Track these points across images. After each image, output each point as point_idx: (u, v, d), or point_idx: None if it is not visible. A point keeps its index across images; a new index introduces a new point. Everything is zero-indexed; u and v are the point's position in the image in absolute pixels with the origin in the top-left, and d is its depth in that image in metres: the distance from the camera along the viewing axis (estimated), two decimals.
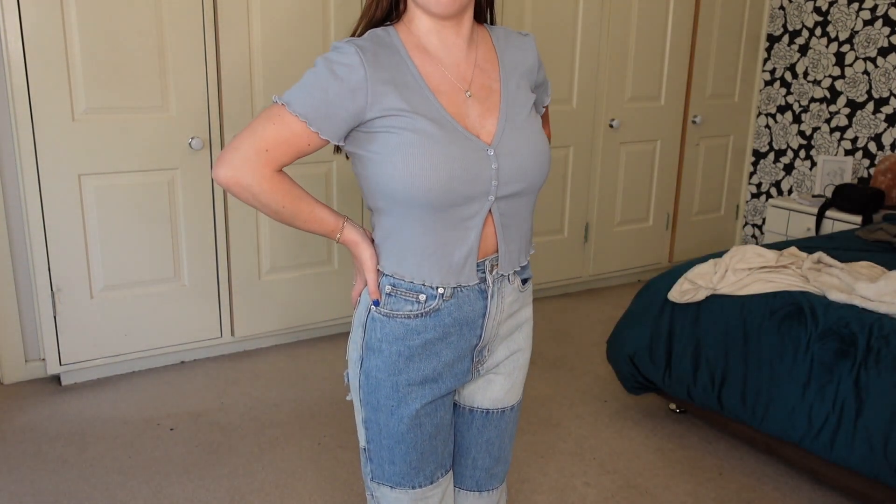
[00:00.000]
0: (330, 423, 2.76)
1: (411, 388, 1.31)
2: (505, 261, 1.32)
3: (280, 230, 3.24)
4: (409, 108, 1.20)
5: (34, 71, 2.66)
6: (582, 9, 3.76)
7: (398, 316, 1.29)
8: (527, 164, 1.27)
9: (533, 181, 1.29)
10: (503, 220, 1.29)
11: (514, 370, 1.43)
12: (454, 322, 1.30)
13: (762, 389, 2.35)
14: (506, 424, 1.46)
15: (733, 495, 2.39)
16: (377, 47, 1.23)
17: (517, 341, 1.43)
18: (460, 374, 1.35)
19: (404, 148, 1.19)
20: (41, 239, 2.78)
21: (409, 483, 1.38)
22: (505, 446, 1.48)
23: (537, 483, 2.43)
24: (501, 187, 1.25)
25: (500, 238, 1.29)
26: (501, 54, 1.33)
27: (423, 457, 1.37)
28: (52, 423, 2.71)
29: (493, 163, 1.23)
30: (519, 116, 1.29)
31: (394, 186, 1.20)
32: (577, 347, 3.47)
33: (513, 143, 1.26)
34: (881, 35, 3.94)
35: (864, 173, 4.10)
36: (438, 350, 1.31)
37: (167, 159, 2.95)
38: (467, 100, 1.26)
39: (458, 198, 1.21)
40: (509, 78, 1.32)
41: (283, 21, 3.05)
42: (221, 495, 2.33)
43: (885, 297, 2.29)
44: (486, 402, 1.42)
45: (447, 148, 1.20)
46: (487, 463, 1.47)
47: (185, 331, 3.13)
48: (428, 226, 1.24)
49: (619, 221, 4.22)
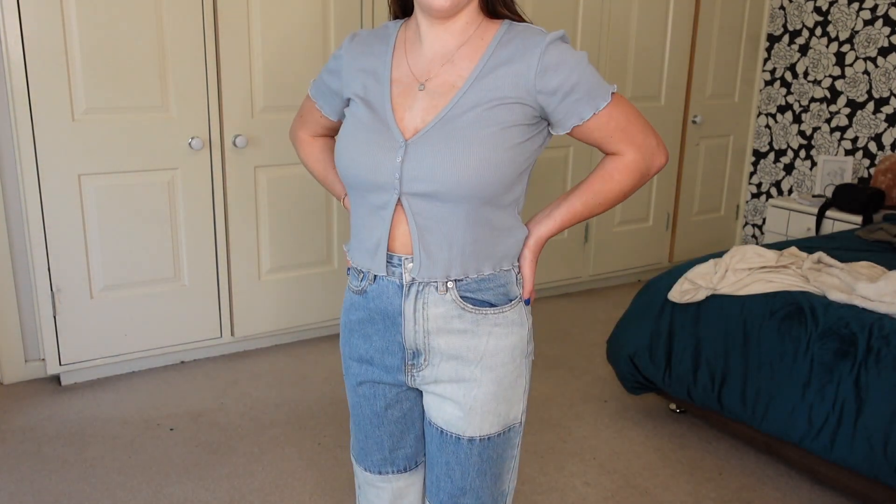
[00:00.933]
0: (330, 423, 2.76)
1: (351, 361, 1.39)
2: (421, 265, 1.24)
3: (280, 230, 3.25)
4: (362, 94, 1.30)
5: (34, 71, 2.66)
6: (582, 9, 3.76)
7: (351, 289, 1.37)
8: (440, 165, 1.19)
9: (449, 187, 1.19)
10: (419, 219, 1.23)
11: (465, 401, 1.30)
12: (377, 309, 1.32)
13: (762, 389, 2.35)
14: (465, 456, 1.33)
15: (733, 495, 2.39)
16: (372, 37, 1.35)
17: (471, 370, 1.29)
18: (391, 370, 1.34)
19: (343, 129, 1.32)
20: (41, 239, 2.78)
21: (362, 462, 1.46)
22: (470, 479, 1.35)
23: (537, 483, 2.43)
24: (407, 183, 1.21)
25: (416, 239, 1.24)
26: (491, 52, 1.24)
27: (367, 440, 1.43)
28: (52, 423, 2.71)
29: (398, 156, 1.21)
30: (465, 117, 1.20)
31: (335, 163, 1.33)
32: (577, 347, 3.47)
33: (434, 142, 1.20)
34: (881, 35, 3.94)
35: (865, 173, 4.10)
36: (370, 333, 1.34)
37: (167, 159, 2.95)
38: (418, 93, 1.25)
39: (365, 184, 1.26)
40: (484, 77, 1.22)
41: (283, 21, 3.05)
42: (221, 495, 2.33)
43: (885, 297, 2.29)
44: (440, 421, 1.34)
45: (363, 133, 1.26)
46: (450, 488, 1.36)
47: (185, 331, 3.13)
48: (357, 207, 1.32)
49: (619, 221, 4.22)
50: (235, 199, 3.12)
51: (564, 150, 3.90)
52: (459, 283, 1.26)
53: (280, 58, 3.08)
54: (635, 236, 4.30)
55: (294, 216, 3.27)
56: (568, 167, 3.96)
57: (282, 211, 3.23)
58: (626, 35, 3.94)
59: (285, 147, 3.18)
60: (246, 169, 3.11)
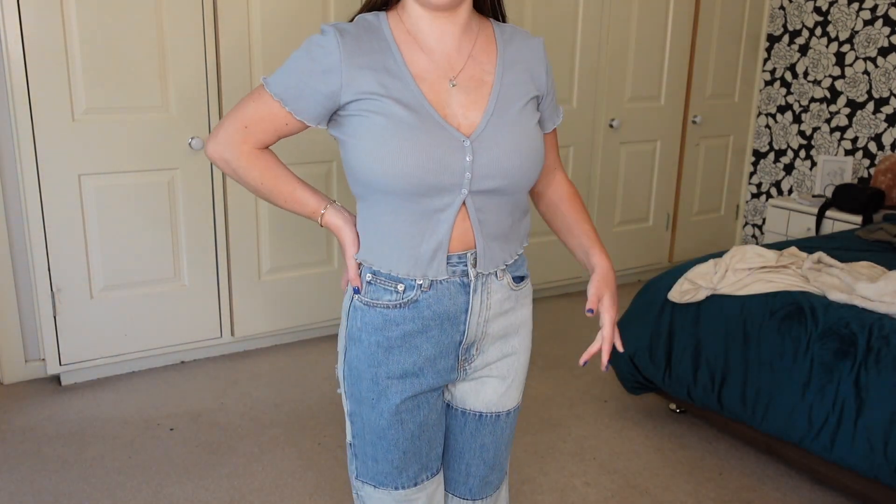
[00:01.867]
0: (330, 423, 2.76)
1: (391, 381, 1.28)
2: (485, 258, 1.26)
3: (280, 230, 3.24)
4: (383, 92, 1.18)
5: (34, 71, 2.66)
6: (582, 9, 3.76)
7: (377, 305, 1.26)
8: (508, 160, 1.21)
9: (516, 179, 1.23)
10: (480, 215, 1.23)
11: (508, 374, 1.37)
12: (434, 315, 1.26)
13: (762, 389, 2.35)
14: (501, 430, 1.40)
15: (733, 495, 2.39)
16: (361, 31, 1.22)
17: (512, 344, 1.37)
18: (444, 372, 1.31)
19: (374, 132, 1.18)
20: (41, 239, 2.78)
21: (392, 483, 1.34)
22: (500, 453, 1.43)
23: (537, 483, 2.43)
24: (476, 181, 1.20)
25: (478, 234, 1.24)
26: (502, 48, 1.28)
27: (405, 456, 1.32)
28: (52, 423, 2.71)
29: (468, 155, 1.19)
30: (510, 111, 1.24)
31: (364, 171, 1.19)
32: (577, 347, 3.47)
33: (495, 138, 1.21)
34: (881, 35, 3.94)
35: (864, 173, 4.10)
36: (418, 343, 1.27)
37: (167, 159, 2.95)
38: (451, 89, 1.22)
39: (426, 188, 1.18)
40: (506, 72, 1.27)
41: (282, 21, 3.06)
42: (221, 495, 2.33)
43: (885, 297, 2.29)
44: (479, 405, 1.37)
45: (417, 135, 1.17)
46: (482, 470, 1.42)
47: (185, 331, 3.13)
48: (398, 214, 1.21)
49: (619, 221, 4.22)
50: (235, 199, 3.12)
51: (564, 150, 3.90)
52: (509, 266, 1.32)
53: (280, 58, 3.08)
54: (635, 236, 4.30)
55: (294, 216, 3.27)
56: (568, 166, 3.95)
57: (282, 211, 3.23)
58: (626, 35, 3.94)
59: (285, 147, 3.18)
60: None
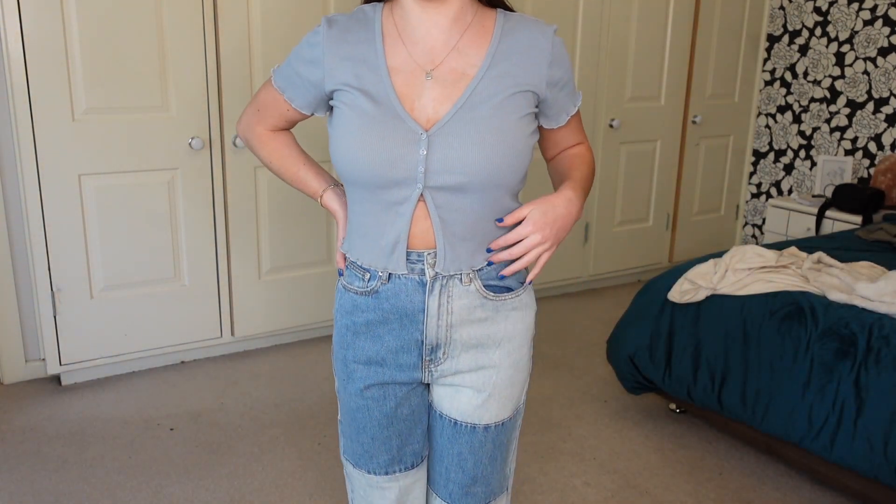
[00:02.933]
0: (330, 422, 2.76)
1: (357, 365, 1.32)
2: (445, 259, 1.23)
3: (280, 230, 3.24)
4: (356, 84, 1.21)
5: (34, 71, 2.66)
6: (582, 9, 3.76)
7: (350, 290, 1.31)
8: (470, 155, 1.17)
9: (481, 177, 1.18)
10: (441, 213, 1.21)
11: (484, 387, 1.32)
12: (392, 309, 1.26)
13: (762, 389, 2.35)
14: (479, 444, 1.35)
15: (733, 495, 2.39)
16: (351, 23, 1.26)
17: (490, 357, 1.31)
18: (407, 368, 1.30)
19: (341, 123, 1.22)
20: (41, 239, 2.78)
21: (365, 466, 1.39)
22: (482, 466, 1.37)
23: (537, 483, 2.43)
24: (432, 176, 1.18)
25: (438, 233, 1.22)
26: (498, 40, 1.24)
27: (373, 443, 1.36)
28: (52, 423, 2.71)
29: (422, 149, 1.17)
30: (486, 105, 1.19)
31: (335, 161, 1.24)
32: (577, 347, 3.47)
33: (459, 132, 1.18)
34: (881, 35, 3.94)
35: (864, 173, 4.10)
36: (381, 334, 1.29)
37: (167, 159, 2.95)
38: (426, 82, 1.21)
39: (382, 180, 1.19)
40: (495, 64, 1.22)
41: (282, 21, 3.06)
42: (221, 495, 2.33)
43: (885, 297, 2.29)
44: (454, 412, 1.34)
45: (374, 127, 1.18)
46: (461, 479, 1.38)
47: (185, 331, 3.13)
48: (363, 205, 1.25)
49: (619, 221, 4.22)
50: (235, 199, 3.12)
51: None
52: (480, 272, 1.27)
53: (280, 57, 3.08)
54: (635, 236, 4.30)
55: (294, 216, 3.27)
56: None
57: (282, 211, 3.23)
58: (626, 35, 3.94)
59: None
60: (246, 169, 3.11)
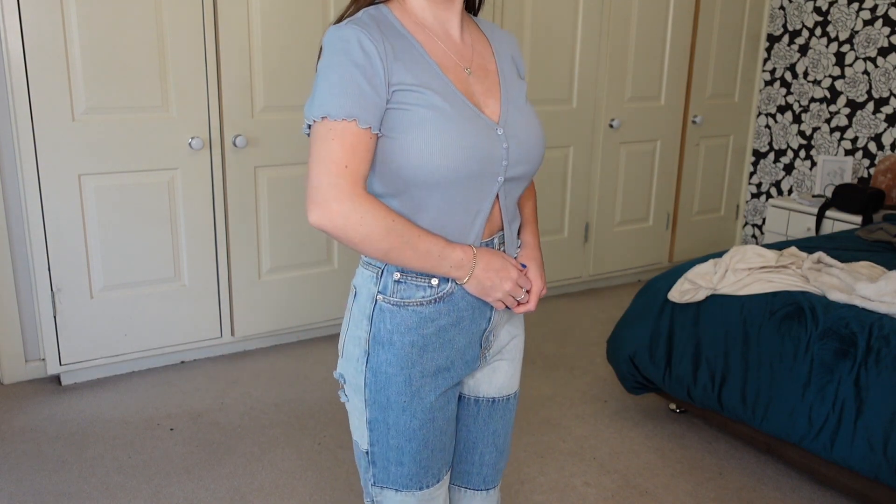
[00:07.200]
0: (330, 423, 2.76)
1: (425, 379, 1.25)
2: (509, 241, 1.31)
3: (280, 230, 3.24)
4: (418, 82, 1.15)
5: (34, 71, 2.65)
6: (582, 9, 3.76)
7: (410, 304, 1.22)
8: (531, 146, 1.27)
9: (536, 164, 1.29)
10: (506, 201, 1.27)
11: (516, 356, 1.42)
12: (468, 305, 1.26)
13: (762, 389, 2.35)
14: (509, 413, 1.44)
15: (733, 495, 2.39)
16: (377, 23, 1.19)
17: (515, 324, 1.41)
18: (470, 361, 1.31)
19: (420, 125, 1.14)
20: (41, 239, 2.78)
21: (417, 484, 1.31)
22: (509, 437, 1.46)
23: (537, 483, 2.43)
24: (510, 168, 1.24)
25: (504, 219, 1.29)
26: (490, 38, 1.34)
27: (433, 454, 1.30)
28: (52, 423, 2.71)
29: (504, 142, 1.22)
30: (518, 99, 1.29)
31: (407, 165, 1.14)
32: (577, 347, 3.47)
33: (518, 125, 1.25)
34: (881, 35, 3.94)
35: (864, 173, 4.10)
36: (452, 336, 1.26)
37: (167, 159, 2.95)
38: (468, 77, 1.24)
39: (471, 177, 1.18)
40: (501, 61, 1.32)
41: (283, 21, 3.05)
42: (221, 495, 2.33)
43: (885, 297, 2.29)
44: (493, 390, 1.39)
45: (460, 125, 1.16)
46: (493, 457, 1.44)
47: (185, 331, 3.13)
48: (440, 207, 1.19)
49: (619, 221, 4.22)
50: (235, 199, 3.12)
51: (564, 149, 3.90)
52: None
53: (280, 57, 3.08)
54: (635, 236, 4.30)
55: (294, 216, 3.27)
56: (568, 166, 3.95)
57: (282, 211, 3.23)
58: (626, 35, 3.94)
59: (285, 147, 3.18)
60: (246, 169, 3.11)
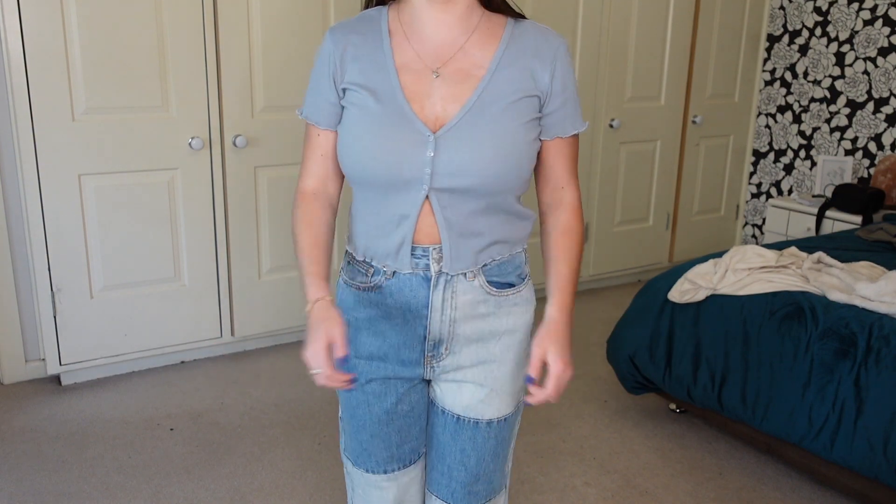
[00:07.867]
0: (330, 422, 2.76)
1: (359, 360, 1.31)
2: (451, 258, 1.23)
3: (280, 230, 3.24)
4: (363, 83, 1.21)
5: (34, 71, 2.65)
6: (582, 9, 3.76)
7: (352, 285, 1.31)
8: (470, 159, 1.17)
9: (486, 181, 1.18)
10: (447, 213, 1.21)
11: (486, 382, 1.32)
12: (396, 304, 1.26)
13: (762, 389, 2.35)
14: (482, 440, 1.35)
15: (733, 495, 2.39)
16: (356, 24, 1.25)
17: (491, 351, 1.31)
18: (409, 364, 1.30)
19: (347, 123, 1.22)
20: (41, 239, 2.78)
21: (363, 464, 1.38)
22: (485, 464, 1.37)
23: (537, 483, 2.43)
24: (438, 178, 1.18)
25: (444, 233, 1.22)
26: (506, 44, 1.23)
27: (372, 440, 1.34)
28: (52, 423, 2.71)
29: (429, 150, 1.17)
30: (493, 107, 1.19)
31: (341, 160, 1.24)
32: (577, 347, 3.47)
33: (465, 135, 1.18)
34: (881, 35, 3.94)
35: (864, 173, 4.10)
36: (383, 329, 1.28)
37: (167, 159, 2.95)
38: (434, 80, 1.20)
39: (387, 181, 1.18)
40: (503, 68, 1.22)
41: (283, 21, 3.05)
42: (221, 495, 2.33)
43: (885, 297, 2.29)
44: (457, 407, 1.34)
45: (378, 126, 1.18)
46: (464, 477, 1.37)
47: (185, 331, 3.13)
48: (368, 204, 1.25)
49: (619, 221, 4.22)
50: (235, 199, 3.12)
51: None
52: (485, 268, 1.28)
53: (280, 57, 3.08)
54: (635, 236, 4.30)
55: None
56: None
57: (282, 211, 3.23)
58: (626, 35, 3.94)
59: (285, 147, 3.18)
60: (246, 169, 3.11)
